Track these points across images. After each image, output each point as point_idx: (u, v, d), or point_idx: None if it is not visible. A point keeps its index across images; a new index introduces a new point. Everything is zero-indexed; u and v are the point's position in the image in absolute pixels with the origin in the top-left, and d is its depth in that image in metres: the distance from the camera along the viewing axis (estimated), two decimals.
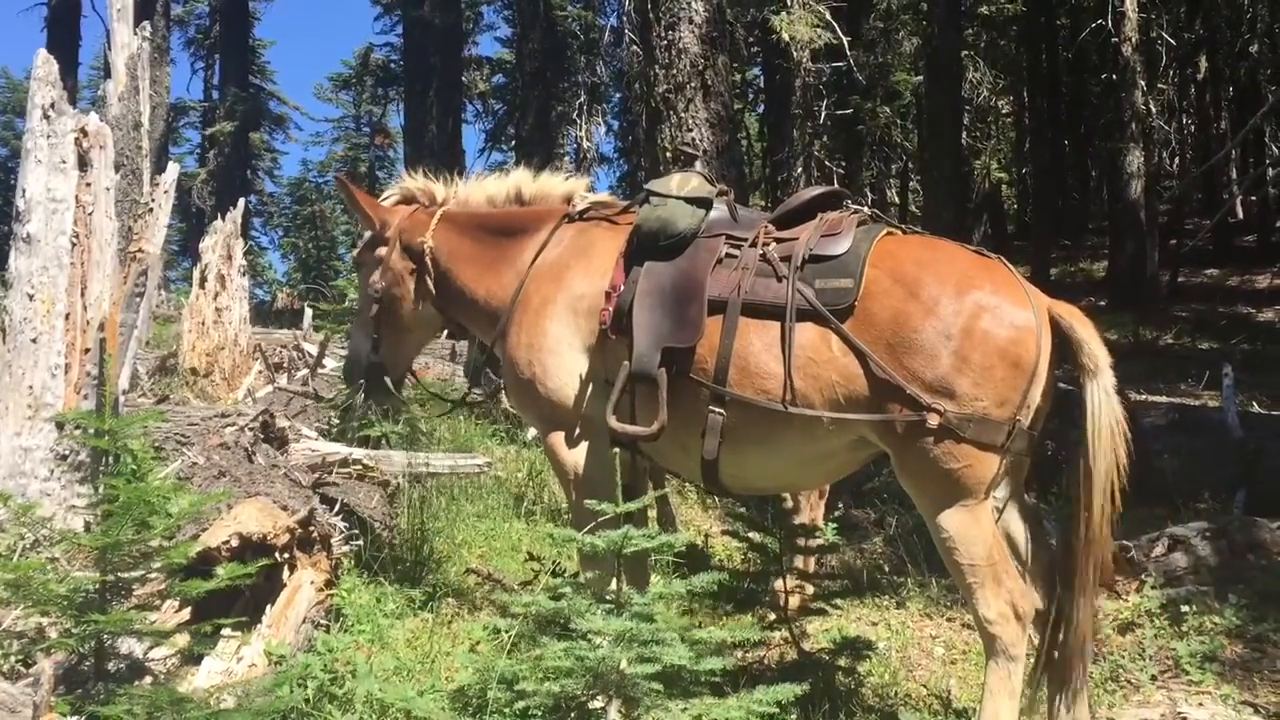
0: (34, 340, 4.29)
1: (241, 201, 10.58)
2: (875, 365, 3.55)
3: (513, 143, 33.75)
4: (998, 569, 3.55)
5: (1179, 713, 4.39)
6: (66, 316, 4.36)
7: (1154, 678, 4.73)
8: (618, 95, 31.98)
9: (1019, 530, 3.86)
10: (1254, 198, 26.73)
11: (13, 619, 3.60)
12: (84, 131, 4.50)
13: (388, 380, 4.72)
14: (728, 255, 3.92)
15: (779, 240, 3.90)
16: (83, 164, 4.49)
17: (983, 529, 3.56)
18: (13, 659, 3.46)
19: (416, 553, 5.40)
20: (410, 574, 5.17)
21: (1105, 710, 4.41)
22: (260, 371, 9.21)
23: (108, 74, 14.00)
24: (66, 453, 4.30)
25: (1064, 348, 3.63)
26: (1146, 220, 19.60)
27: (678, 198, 4.05)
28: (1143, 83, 19.80)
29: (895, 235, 3.89)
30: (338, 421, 7.24)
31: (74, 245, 4.40)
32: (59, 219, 4.39)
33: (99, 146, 4.54)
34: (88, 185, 4.48)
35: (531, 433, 8.40)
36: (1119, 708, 4.47)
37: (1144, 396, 10.81)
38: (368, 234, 4.73)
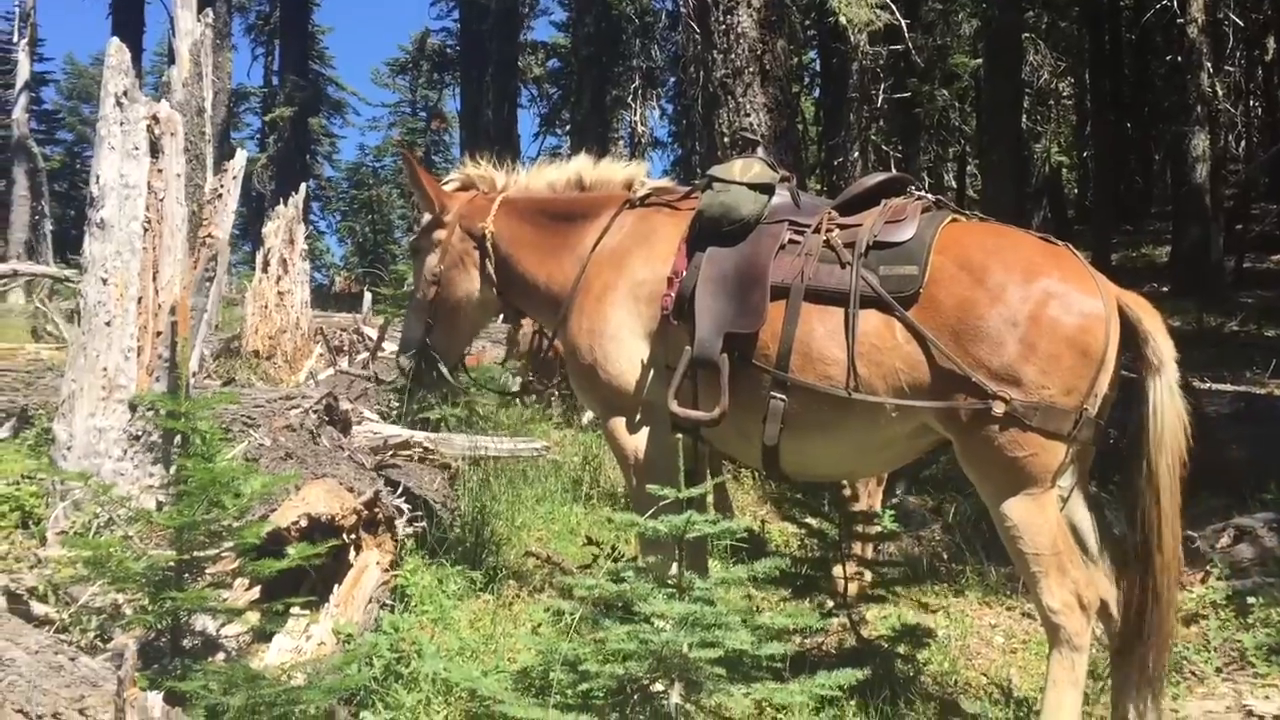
0: (108, 323, 4.39)
1: (303, 186, 10.69)
2: (940, 353, 3.53)
3: (567, 127, 33.84)
4: (1062, 558, 3.53)
5: (1244, 705, 4.34)
6: (139, 300, 4.46)
7: (1219, 670, 4.68)
8: (672, 79, 31.91)
9: (1083, 519, 3.83)
10: None
11: (89, 595, 3.70)
12: (155, 118, 4.59)
13: (441, 365, 4.77)
14: (791, 241, 3.91)
15: (842, 226, 3.89)
16: (154, 150, 4.59)
17: (1047, 518, 3.53)
18: (90, 634, 3.56)
19: (477, 535, 5.45)
20: (471, 556, 5.23)
21: (1169, 702, 4.36)
22: (321, 354, 9.33)
23: (171, 60, 14.22)
24: (139, 433, 4.40)
25: (1129, 338, 3.60)
26: (1211, 205, 19.21)
27: (740, 183, 4.05)
28: (1208, 65, 19.36)
29: (960, 222, 3.86)
30: (398, 404, 7.33)
31: (146, 230, 4.50)
32: (132, 204, 4.49)
33: (170, 133, 4.63)
34: (159, 171, 4.58)
35: (588, 416, 8.45)
36: (1183, 699, 4.42)
37: (1209, 385, 10.61)
38: (426, 218, 4.79)
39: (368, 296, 11.96)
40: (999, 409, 3.43)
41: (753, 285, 3.84)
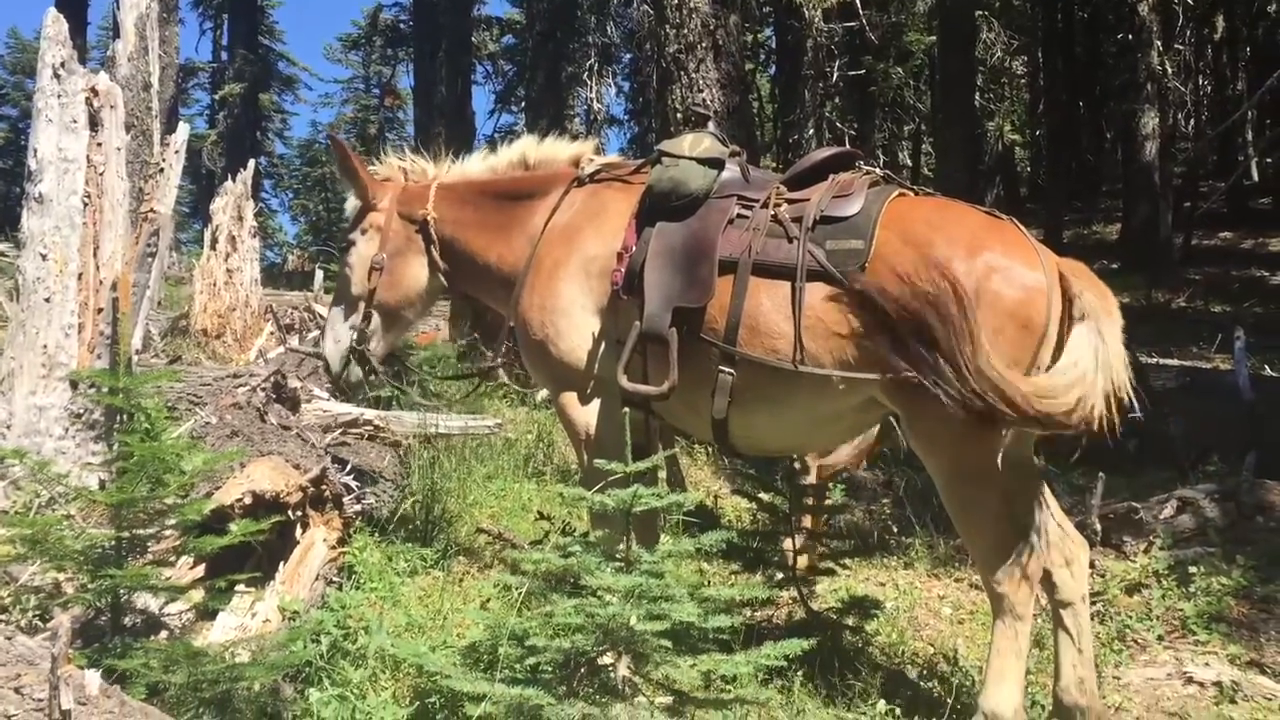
0: (47, 300, 4.32)
1: (251, 163, 10.55)
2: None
3: (523, 104, 33.54)
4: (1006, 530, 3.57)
5: (1185, 672, 4.42)
6: (79, 276, 4.38)
7: (1161, 637, 4.77)
8: (628, 56, 31.71)
9: (1032, 491, 3.87)
10: (1269, 160, 26.53)
11: (29, 574, 3.64)
12: (94, 91, 4.50)
13: (373, 361, 4.62)
14: (739, 216, 3.91)
15: (790, 201, 3.89)
16: (93, 124, 4.50)
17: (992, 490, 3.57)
18: (30, 614, 3.50)
19: (427, 512, 5.43)
20: (421, 533, 5.21)
21: (1112, 669, 4.45)
22: (272, 332, 9.24)
23: (117, 34, 13.96)
24: (81, 411, 4.34)
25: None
26: (1161, 182, 19.46)
27: (690, 158, 4.05)
28: (1159, 43, 19.59)
29: (907, 196, 3.88)
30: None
31: (86, 205, 4.42)
32: (71, 179, 4.41)
33: (109, 106, 4.55)
34: (99, 145, 4.49)
35: (541, 394, 8.43)
36: (1126, 667, 4.51)
37: (1155, 359, 10.79)
38: (351, 206, 4.68)
39: (319, 274, 11.85)
40: None
41: (701, 259, 3.84)
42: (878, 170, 4.00)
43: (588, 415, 4.15)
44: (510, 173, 4.56)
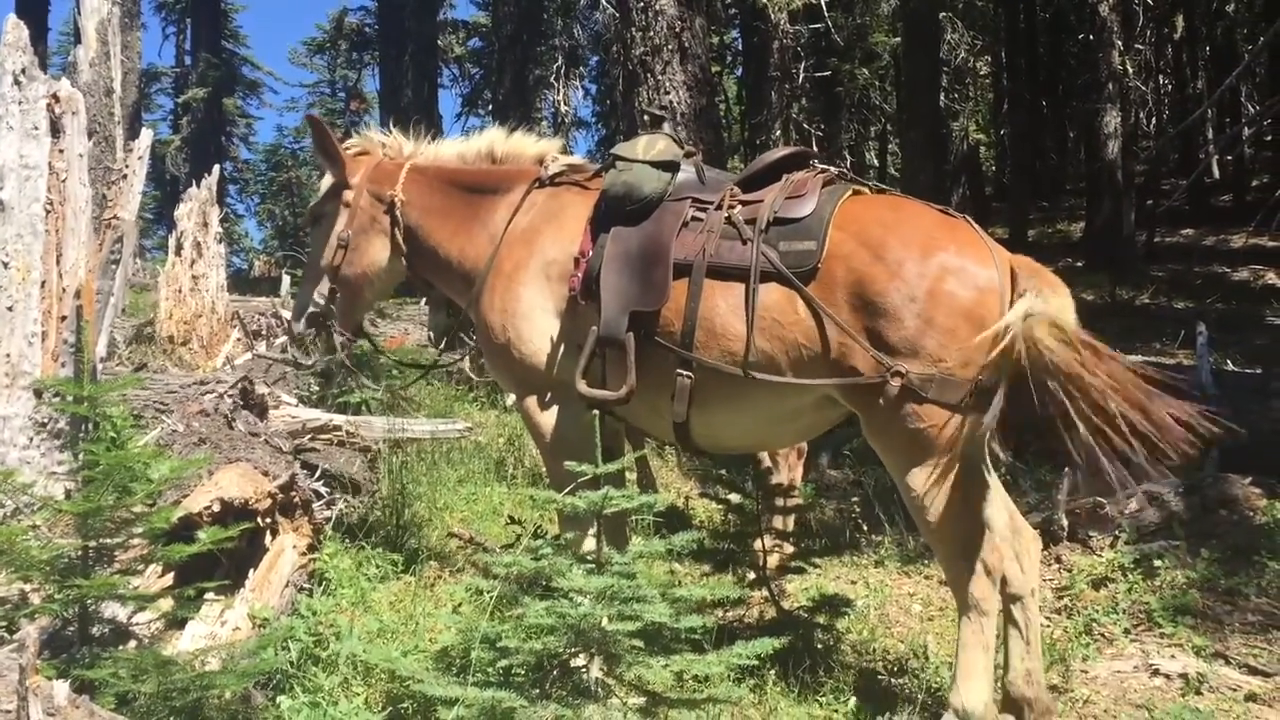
0: (10, 308, 4.26)
1: (216, 168, 10.46)
2: (838, 327, 3.57)
3: (490, 107, 33.45)
4: None
5: (1151, 664, 4.47)
6: (42, 284, 4.33)
7: (1127, 630, 4.82)
8: (595, 59, 31.71)
9: (986, 488, 3.90)
10: (1230, 157, 26.80)
11: None
12: (56, 97, 4.45)
13: (337, 333, 4.66)
14: (693, 218, 3.93)
15: (744, 203, 3.91)
16: (55, 130, 4.44)
17: (950, 488, 3.59)
18: None
19: (398, 517, 5.42)
20: (392, 538, 5.20)
21: (1079, 663, 4.49)
22: (239, 339, 9.17)
23: (78, 39, 13.82)
24: (45, 420, 4.28)
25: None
26: (1123, 180, 19.62)
27: (643, 162, 4.06)
28: (1119, 42, 19.75)
29: (862, 196, 3.91)
30: (317, 388, 7.24)
31: (48, 212, 4.36)
32: (32, 186, 4.35)
33: (71, 112, 4.50)
34: (60, 152, 4.44)
35: (511, 398, 8.42)
36: (1093, 660, 4.55)
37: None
38: (327, 182, 4.70)
39: (286, 279, 11.77)
40: (896, 383, 3.48)
41: (655, 263, 3.85)
42: (832, 169, 4.02)
43: (551, 417, 4.16)
44: (478, 164, 4.57)
